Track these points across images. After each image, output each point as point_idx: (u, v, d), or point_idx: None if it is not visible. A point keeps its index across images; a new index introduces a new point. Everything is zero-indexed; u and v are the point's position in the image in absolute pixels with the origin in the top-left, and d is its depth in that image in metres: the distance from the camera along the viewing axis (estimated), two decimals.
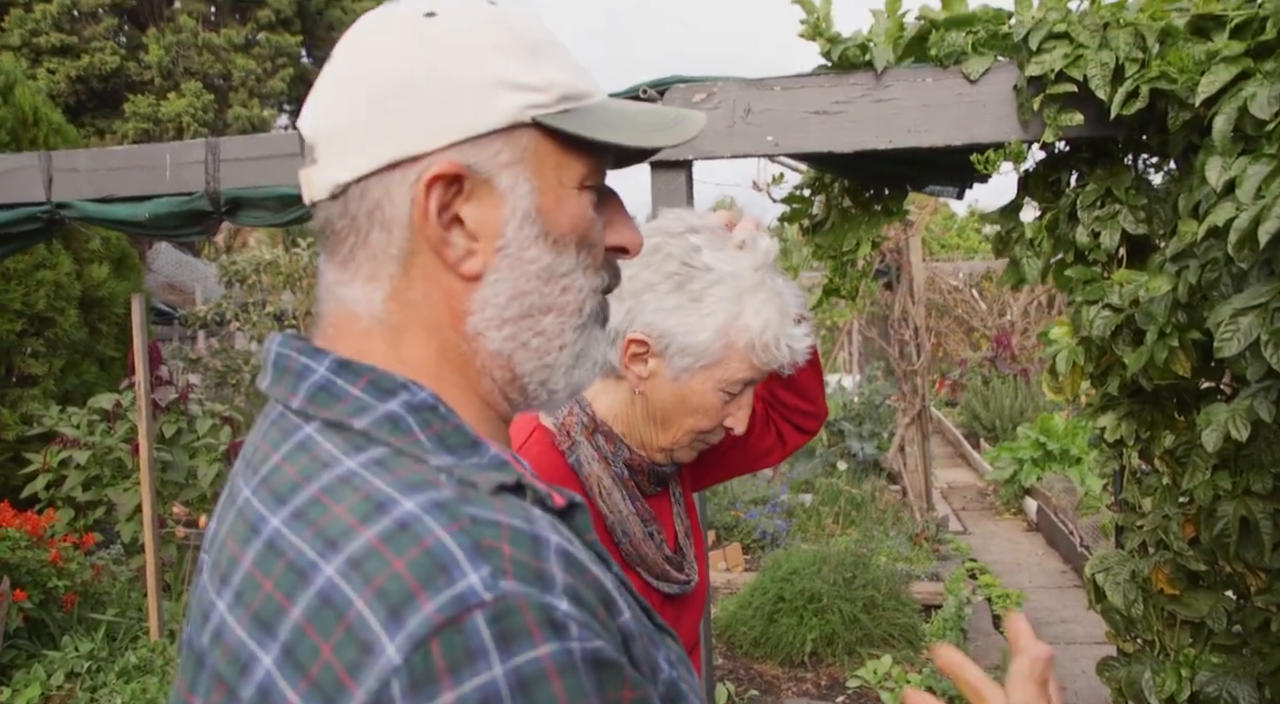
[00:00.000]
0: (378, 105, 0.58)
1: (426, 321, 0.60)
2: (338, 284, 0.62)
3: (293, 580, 0.49)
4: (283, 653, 0.47)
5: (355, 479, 0.52)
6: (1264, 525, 1.89)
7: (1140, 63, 1.93)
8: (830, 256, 2.73)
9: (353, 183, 0.59)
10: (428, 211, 0.58)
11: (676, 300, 1.10)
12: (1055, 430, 6.38)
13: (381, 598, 0.46)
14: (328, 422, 0.57)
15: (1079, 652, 4.00)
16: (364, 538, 0.48)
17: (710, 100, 2.27)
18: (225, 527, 0.58)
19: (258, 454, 0.59)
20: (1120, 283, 2.01)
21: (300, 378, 0.59)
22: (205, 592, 0.55)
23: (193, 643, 0.54)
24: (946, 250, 14.42)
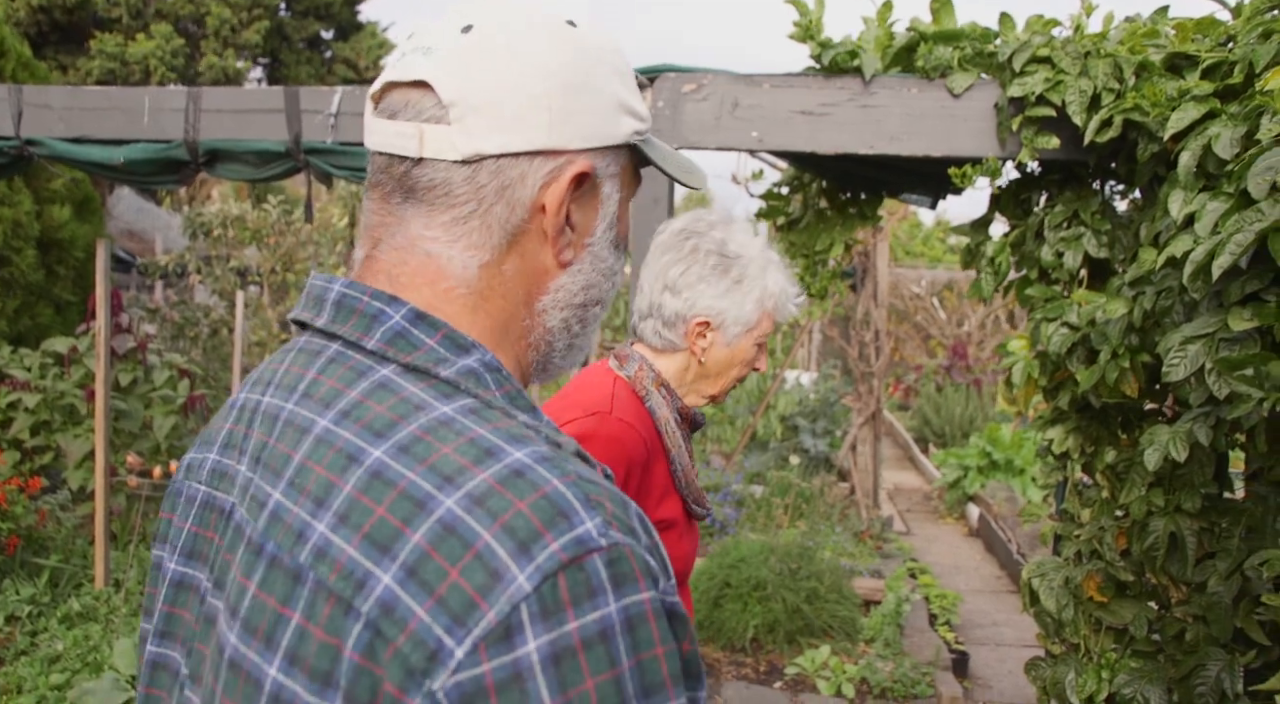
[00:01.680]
0: (543, 95, 0.63)
1: (507, 294, 0.66)
2: (432, 241, 0.65)
3: (408, 509, 0.53)
4: (403, 571, 0.51)
5: (455, 424, 0.57)
6: (1189, 542, 1.99)
7: (1116, 93, 2.00)
8: (802, 255, 2.79)
9: (492, 157, 0.63)
10: (563, 202, 0.65)
11: (724, 286, 1.45)
12: (1002, 441, 6.55)
13: (509, 533, 0.51)
14: (407, 366, 0.61)
15: (1007, 653, 4.14)
16: (481, 478, 0.53)
17: (699, 92, 2.31)
18: (283, 445, 0.61)
19: (316, 385, 0.62)
20: (1079, 302, 2.09)
21: (375, 321, 0.62)
22: (284, 508, 0.58)
23: (280, 559, 0.56)
24: (911, 257, 14.62)
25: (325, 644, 0.53)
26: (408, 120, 0.63)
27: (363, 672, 0.51)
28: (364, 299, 0.63)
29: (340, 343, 0.63)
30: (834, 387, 7.78)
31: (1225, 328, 1.59)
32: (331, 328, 0.64)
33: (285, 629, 0.54)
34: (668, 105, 2.32)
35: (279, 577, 0.56)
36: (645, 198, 2.37)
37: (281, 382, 0.65)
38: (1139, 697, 2.08)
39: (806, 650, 3.83)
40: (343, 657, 0.52)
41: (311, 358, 0.64)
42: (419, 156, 0.63)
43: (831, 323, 7.71)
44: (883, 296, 5.94)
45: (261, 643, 0.55)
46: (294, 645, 0.54)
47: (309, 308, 0.66)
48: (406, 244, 0.65)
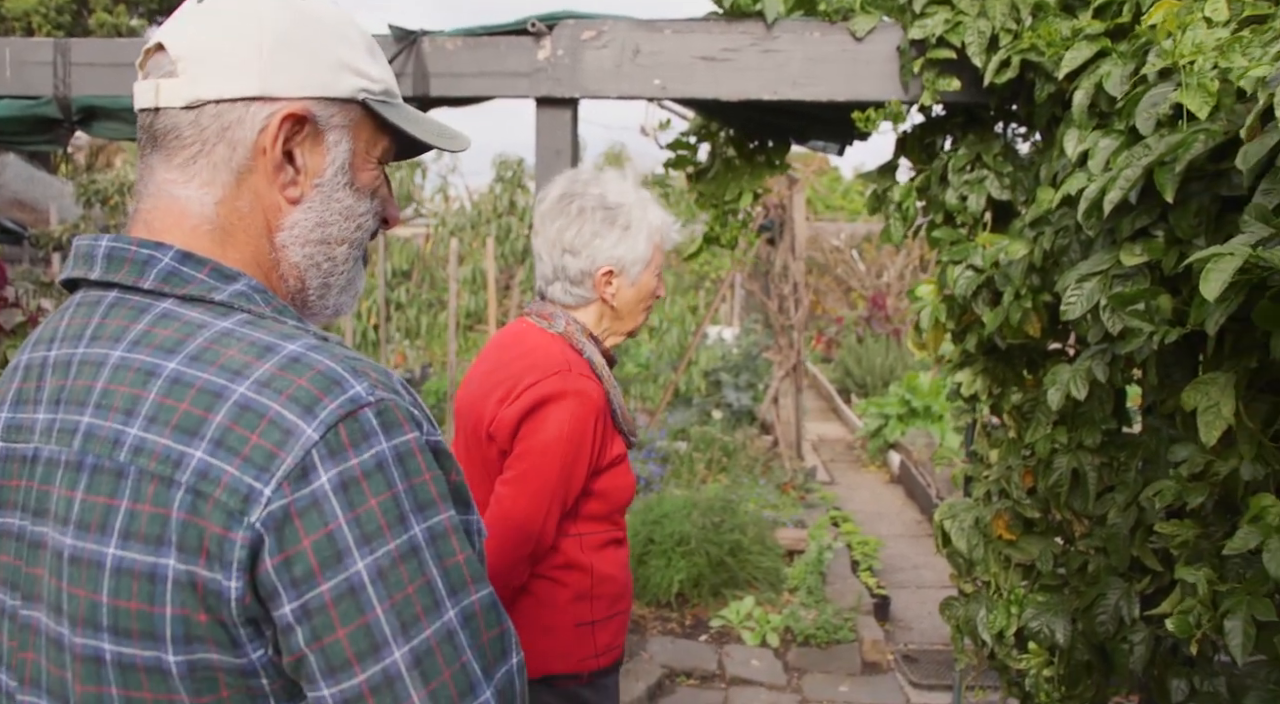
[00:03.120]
0: (256, 49, 0.73)
1: (248, 229, 0.75)
2: (171, 184, 0.74)
3: (208, 400, 0.65)
4: (212, 445, 0.63)
5: (235, 333, 0.68)
6: (1090, 477, 2.03)
7: (1014, 34, 2.00)
8: (712, 205, 2.75)
9: (212, 102, 0.72)
10: (276, 139, 0.74)
11: (616, 235, 1.60)
12: (920, 389, 6.68)
13: (295, 401, 0.64)
14: (184, 297, 0.71)
15: (927, 595, 4.25)
16: (264, 368, 0.66)
17: (599, 39, 2.24)
18: (81, 381, 0.69)
19: (102, 328, 0.70)
20: (984, 245, 2.10)
21: (147, 265, 0.71)
22: (96, 426, 0.67)
23: (101, 465, 0.66)
24: (831, 211, 14.76)
25: (154, 514, 0.63)
26: (151, 78, 0.73)
27: (188, 525, 0.62)
28: (131, 249, 0.71)
29: (117, 290, 0.72)
30: (756, 341, 7.83)
31: (1118, 264, 1.60)
32: (106, 278, 0.72)
33: (116, 516, 0.64)
34: (567, 53, 2.24)
35: (103, 479, 0.65)
36: (548, 150, 2.30)
37: (66, 335, 0.73)
38: (1045, 629, 2.13)
39: (731, 602, 3.87)
40: (170, 519, 0.63)
41: (91, 308, 0.72)
42: (155, 107, 0.73)
43: (752, 277, 7.74)
44: (800, 249, 5.96)
45: (97, 533, 0.65)
46: (126, 524, 0.64)
47: (80, 265, 0.73)
48: (156, 190, 0.74)
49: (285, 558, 0.62)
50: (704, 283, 9.74)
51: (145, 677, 0.64)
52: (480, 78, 2.26)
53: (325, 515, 0.62)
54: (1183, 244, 1.52)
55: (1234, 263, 1.16)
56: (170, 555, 0.62)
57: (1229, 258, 1.17)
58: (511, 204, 8.54)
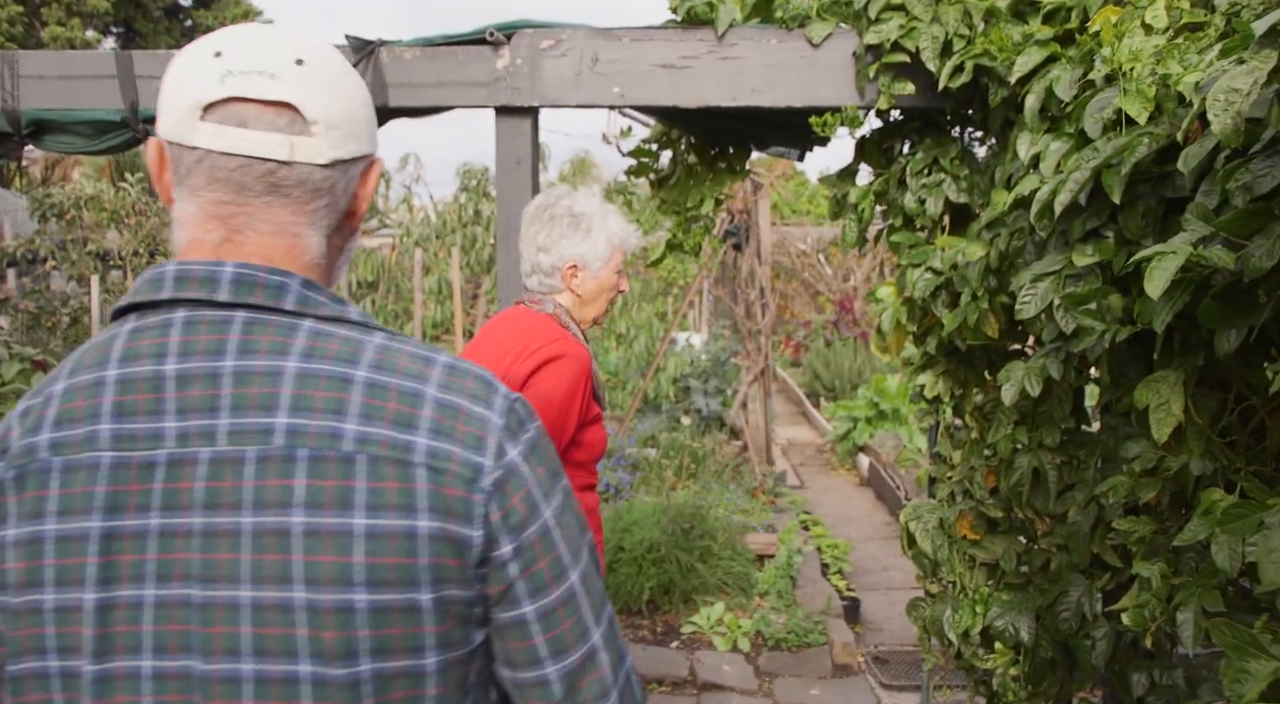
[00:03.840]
0: (366, 117, 0.88)
1: (334, 262, 0.90)
2: (295, 225, 0.84)
3: (410, 400, 0.79)
4: (431, 433, 0.79)
5: (391, 347, 0.82)
6: (1051, 475, 2.06)
7: (967, 39, 2.03)
8: (674, 212, 2.77)
9: (344, 161, 0.85)
10: (372, 189, 0.91)
11: (579, 237, 1.97)
12: (888, 391, 6.73)
13: (474, 398, 0.82)
14: (323, 317, 0.82)
15: (897, 597, 4.28)
16: (436, 374, 0.82)
17: (558, 48, 2.24)
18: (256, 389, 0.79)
19: (252, 343, 0.79)
20: (942, 248, 2.12)
21: (281, 290, 0.81)
22: (301, 426, 0.77)
23: (322, 455, 0.77)
24: (798, 216, 14.85)
25: (401, 488, 0.77)
26: (272, 131, 0.80)
27: (435, 493, 0.78)
28: (261, 275, 0.81)
29: (244, 311, 0.80)
30: (724, 346, 7.85)
31: (1070, 264, 1.63)
32: (235, 299, 0.80)
33: (354, 494, 0.76)
34: (526, 62, 2.24)
35: (328, 466, 0.76)
36: (509, 159, 2.30)
37: (186, 350, 0.79)
38: (1010, 627, 2.15)
39: (702, 608, 3.87)
40: (416, 490, 0.77)
41: (220, 326, 0.80)
42: (289, 160, 0.81)
43: (720, 283, 7.76)
44: (766, 254, 5.99)
45: (337, 509, 0.75)
46: (370, 499, 0.76)
47: (192, 288, 0.80)
48: (275, 230, 0.83)
49: (504, 512, 0.80)
50: (671, 289, 9.76)
51: (398, 616, 0.77)
52: (439, 88, 2.25)
53: (523, 479, 0.82)
54: (1131, 245, 1.55)
55: (1176, 260, 1.18)
56: (423, 518, 0.77)
57: (1171, 256, 1.19)
58: (476, 213, 8.50)
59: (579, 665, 0.84)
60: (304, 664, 0.76)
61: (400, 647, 0.78)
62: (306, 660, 0.76)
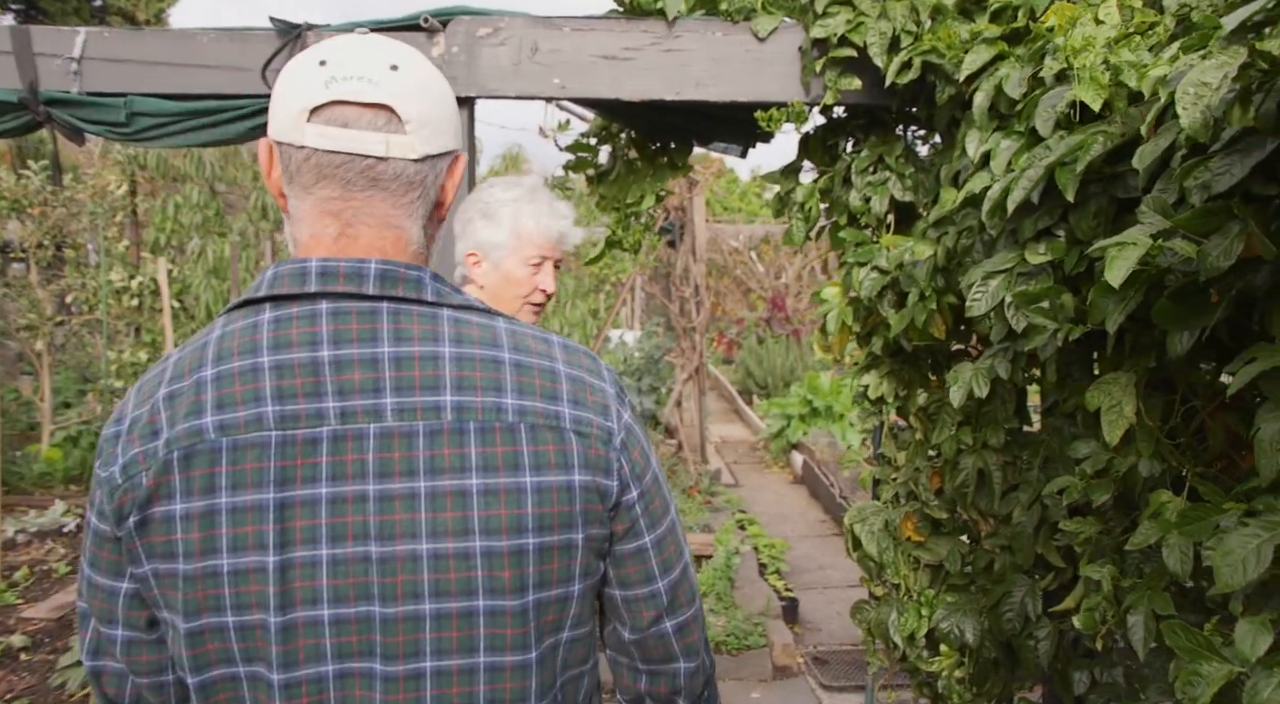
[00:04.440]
0: (452, 115, 0.96)
1: (430, 252, 0.99)
2: (395, 216, 0.93)
3: (550, 376, 0.94)
4: (571, 402, 0.93)
5: (518, 331, 0.96)
6: (995, 476, 2.05)
7: (914, 36, 2.00)
8: (614, 208, 2.70)
9: (434, 156, 0.93)
10: (454, 182, 0.98)
11: (482, 225, 1.87)
12: (821, 389, 6.77)
13: (593, 373, 0.98)
14: (458, 306, 0.93)
15: (834, 595, 4.28)
16: (559, 353, 0.97)
17: (496, 36, 2.15)
18: (418, 372, 0.90)
19: (404, 331, 0.90)
20: (888, 246, 2.10)
21: (419, 284, 0.91)
22: (468, 402, 0.90)
23: (490, 427, 0.90)
24: (729, 213, 14.91)
25: (559, 450, 0.91)
26: (370, 130, 0.89)
27: (583, 452, 0.93)
28: (401, 270, 0.91)
29: (389, 302, 0.90)
30: (658, 343, 7.82)
31: (1022, 262, 1.61)
32: (381, 292, 0.90)
33: (523, 457, 0.89)
34: (462, 50, 2.15)
35: (497, 436, 0.89)
36: None
37: (339, 338, 0.89)
38: (955, 629, 2.14)
39: None
40: (570, 450, 0.92)
41: (369, 316, 0.90)
42: (385, 156, 0.90)
43: (653, 280, 7.72)
44: (701, 251, 5.96)
45: (509, 470, 0.89)
46: (535, 460, 0.90)
47: (347, 283, 0.90)
48: (380, 222, 0.92)
49: (630, 465, 0.96)
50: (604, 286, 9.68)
51: (559, 553, 0.92)
52: None
53: (636, 438, 0.98)
54: (1083, 244, 1.53)
55: (1137, 251, 1.16)
56: (577, 473, 0.92)
57: (1132, 246, 1.17)
58: None
59: (679, 577, 1.03)
60: (482, 600, 0.89)
61: (559, 578, 0.93)
62: (484, 596, 0.89)
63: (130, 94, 2.25)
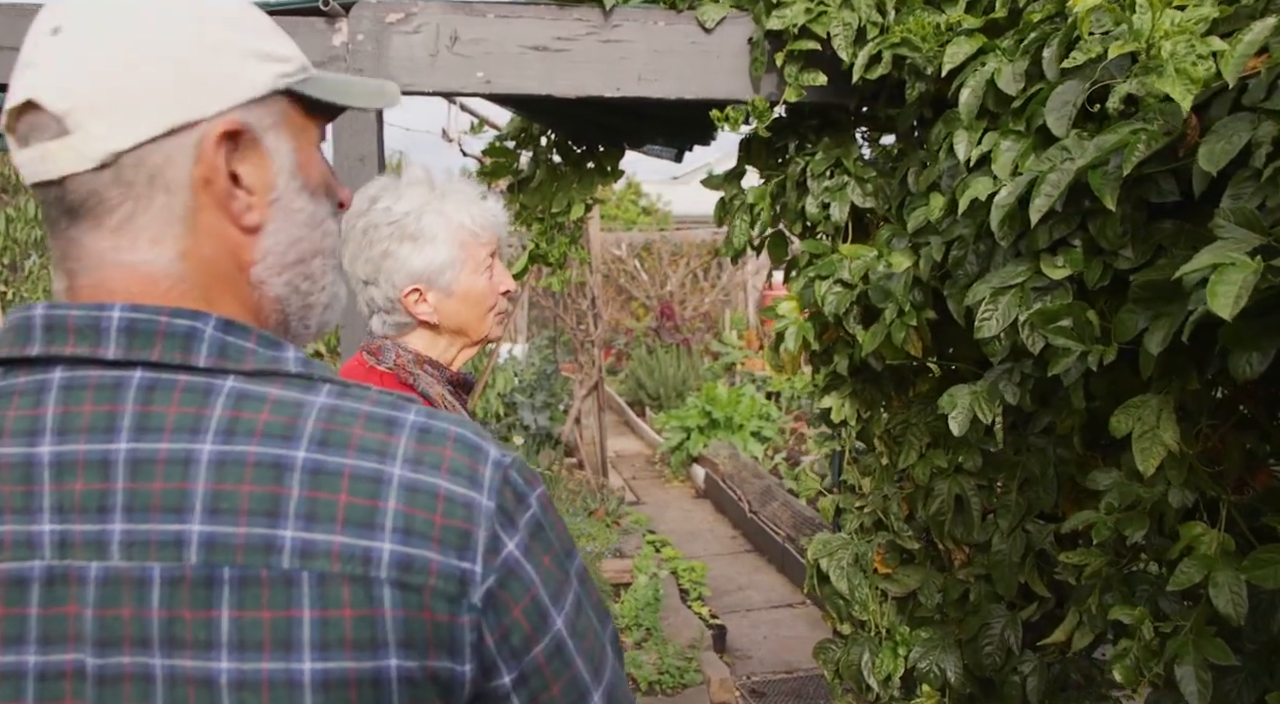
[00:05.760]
0: (157, 72, 0.62)
1: (223, 277, 0.67)
2: (113, 252, 0.64)
3: (370, 487, 0.60)
4: (401, 534, 0.60)
5: (341, 409, 0.63)
6: (974, 502, 1.91)
7: (880, 27, 1.83)
8: (537, 219, 2.44)
9: (128, 150, 0.62)
10: (217, 168, 0.64)
11: (409, 249, 1.41)
12: (720, 399, 6.64)
13: (456, 474, 0.63)
14: (250, 373, 0.63)
15: (758, 618, 4.12)
16: (403, 444, 0.62)
17: (408, 22, 1.86)
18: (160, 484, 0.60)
19: (154, 417, 0.61)
20: (849, 257, 1.92)
21: (191, 338, 0.62)
22: (223, 534, 0.59)
23: (252, 577, 0.58)
24: (608, 220, 14.75)
25: (359, 617, 0.59)
26: (36, 143, 0.62)
27: (408, 620, 0.60)
28: (161, 319, 0.62)
29: (144, 369, 0.62)
30: (549, 357, 7.54)
31: (1036, 276, 1.45)
32: (129, 356, 0.62)
33: (301, 627, 0.59)
34: (369, 39, 1.85)
35: (260, 592, 0.59)
36: (350, 156, 1.89)
37: (71, 426, 0.61)
38: (935, 668, 1.98)
39: None
40: (383, 618, 0.59)
41: (110, 393, 0.62)
42: (59, 177, 0.63)
43: (541, 290, 7.44)
44: (597, 263, 5.74)
45: (277, 651, 0.58)
46: (320, 636, 0.59)
47: (80, 341, 0.62)
48: (97, 263, 0.64)
49: (504, 632, 0.63)
50: None
51: None
52: None
53: (525, 582, 0.64)
54: (1106, 255, 1.38)
55: (1243, 273, 1.00)
56: (392, 656, 0.60)
57: (1234, 267, 1.01)
58: None
59: None
60: None
61: None
62: None
63: None
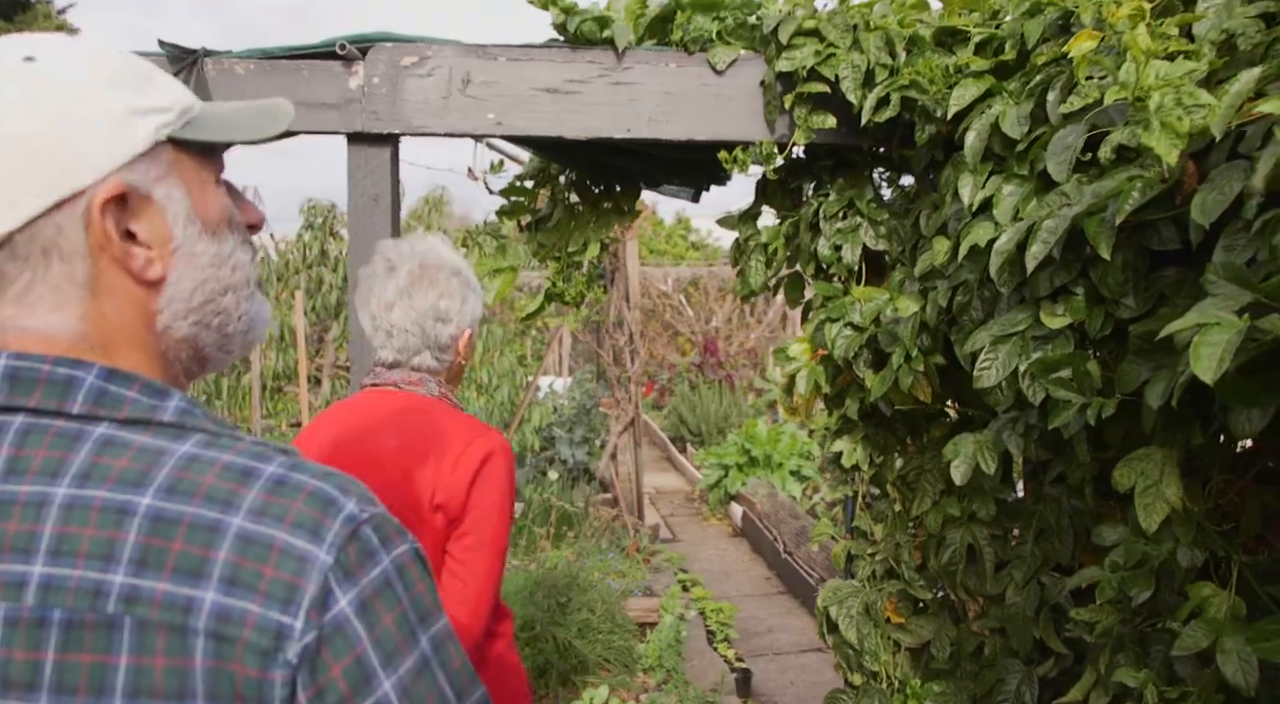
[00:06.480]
0: (28, 156, 0.64)
1: (126, 329, 0.70)
2: (15, 318, 0.67)
3: (204, 536, 0.62)
4: (224, 584, 0.61)
5: (202, 458, 0.65)
6: (986, 552, 1.85)
7: (890, 69, 1.82)
8: (554, 258, 2.45)
9: (19, 229, 0.65)
10: (108, 233, 0.67)
11: (473, 298, 1.69)
12: (759, 437, 6.58)
13: (299, 527, 0.63)
14: (124, 421, 0.66)
15: (786, 662, 4.03)
16: (253, 495, 0.64)
17: (422, 65, 1.90)
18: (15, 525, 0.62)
19: (22, 460, 0.64)
20: (861, 300, 1.90)
21: (70, 386, 0.66)
22: (60, 577, 0.61)
23: (78, 620, 0.60)
24: (656, 255, 14.81)
25: (170, 668, 0.60)
26: None
27: (217, 672, 0.60)
28: (44, 367, 0.66)
29: (24, 415, 0.65)
30: (589, 391, 7.55)
31: (1035, 325, 1.41)
32: (11, 402, 0.65)
33: (116, 674, 0.60)
34: (384, 82, 1.89)
35: (84, 635, 0.60)
36: (364, 196, 1.93)
37: None
38: None
39: (584, 692, 3.50)
40: (193, 670, 0.60)
41: None
42: None
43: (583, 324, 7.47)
44: (635, 297, 5.75)
45: (89, 696, 0.60)
46: (132, 682, 0.60)
47: None
48: (1, 330, 0.67)
49: (318, 690, 0.62)
50: (529, 331, 9.39)
51: None
52: None
53: (350, 640, 0.63)
54: (1108, 303, 1.34)
55: (1226, 334, 0.96)
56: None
57: (1216, 327, 0.97)
58: (323, 253, 7.91)
59: None
60: None
61: None
62: None
63: None
